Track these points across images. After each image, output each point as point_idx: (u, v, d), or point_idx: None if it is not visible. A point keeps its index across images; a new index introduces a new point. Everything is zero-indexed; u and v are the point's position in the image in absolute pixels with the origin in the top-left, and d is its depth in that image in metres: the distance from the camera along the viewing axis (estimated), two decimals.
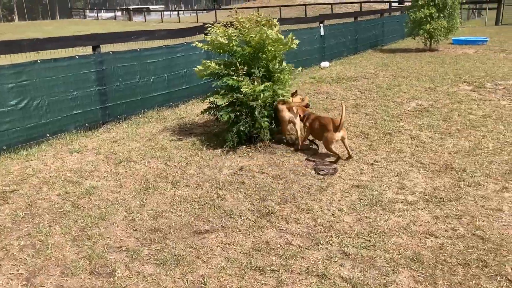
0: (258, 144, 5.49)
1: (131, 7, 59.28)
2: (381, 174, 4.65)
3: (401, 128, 6.24)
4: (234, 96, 5.16)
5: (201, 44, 5.54)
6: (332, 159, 5.07)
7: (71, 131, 6.47)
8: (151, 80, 7.65)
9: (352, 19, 15.37)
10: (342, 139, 5.01)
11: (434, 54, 13.79)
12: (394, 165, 4.89)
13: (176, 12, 52.31)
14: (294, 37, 5.34)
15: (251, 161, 5.11)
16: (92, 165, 5.16)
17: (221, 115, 5.26)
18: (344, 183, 4.46)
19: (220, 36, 5.21)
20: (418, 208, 3.91)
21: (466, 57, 12.91)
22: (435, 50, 14.61)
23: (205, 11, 51.38)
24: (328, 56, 13.03)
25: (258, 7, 38.61)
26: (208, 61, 5.44)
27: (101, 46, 6.87)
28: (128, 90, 7.28)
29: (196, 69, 5.42)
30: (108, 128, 6.79)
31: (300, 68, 5.75)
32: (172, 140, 5.99)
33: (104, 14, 57.24)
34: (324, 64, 12.49)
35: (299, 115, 5.41)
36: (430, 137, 5.80)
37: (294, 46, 5.35)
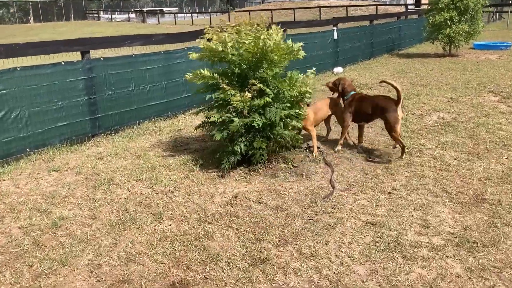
0: (258, 165, 4.81)
1: (145, 9, 59.01)
2: (400, 206, 3.94)
3: (422, 146, 5.52)
4: (225, 111, 4.51)
5: (195, 54, 4.85)
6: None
7: (56, 145, 5.87)
8: (147, 88, 7.04)
9: (367, 22, 14.63)
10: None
11: (454, 60, 12.98)
12: (415, 195, 4.17)
13: (189, 14, 51.83)
14: (301, 46, 4.67)
15: (248, 187, 4.43)
16: (69, 188, 4.54)
17: (213, 134, 4.59)
18: (357, 218, 3.76)
19: (214, 44, 4.55)
20: (447, 256, 3.19)
21: (489, 63, 12.09)
22: (455, 56, 13.79)
23: (219, 13, 50.78)
24: (341, 61, 12.32)
25: (272, 9, 37.97)
26: (203, 69, 4.79)
27: (91, 51, 6.28)
28: (121, 100, 6.67)
29: (187, 76, 4.77)
30: (98, 142, 6.17)
31: (303, 74, 5.03)
32: (164, 157, 5.35)
33: (118, 16, 57.04)
34: (338, 69, 11.78)
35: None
36: (455, 158, 5.07)
37: (300, 56, 4.67)
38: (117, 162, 5.26)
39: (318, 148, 5.43)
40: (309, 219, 3.74)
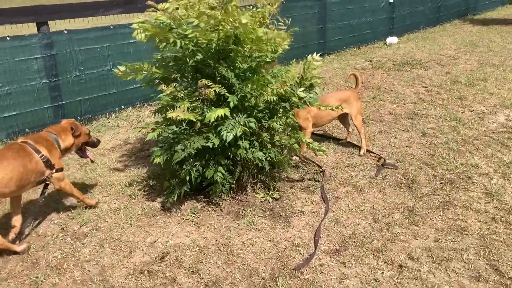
0: (223, 196, 3.38)
1: None
2: None
3: (473, 169, 3.82)
4: (170, 122, 3.11)
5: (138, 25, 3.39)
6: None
7: (2, 140, 4.76)
8: None
9: None
10: None
11: None
12: (442, 274, 2.59)
13: None
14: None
15: (192, 235, 3.03)
16: None
17: (152, 153, 3.20)
18: None
19: (154, 22, 3.12)
20: None
21: None
22: None
23: None
24: (398, 29, 10.30)
25: None
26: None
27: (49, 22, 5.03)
28: (94, 82, 5.42)
29: (116, 71, 3.36)
30: None
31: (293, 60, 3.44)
32: (112, 170, 4.06)
33: None
34: (391, 40, 9.82)
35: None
36: None
37: (284, 46, 3.10)
38: None
39: (320, 167, 3.90)
40: None
